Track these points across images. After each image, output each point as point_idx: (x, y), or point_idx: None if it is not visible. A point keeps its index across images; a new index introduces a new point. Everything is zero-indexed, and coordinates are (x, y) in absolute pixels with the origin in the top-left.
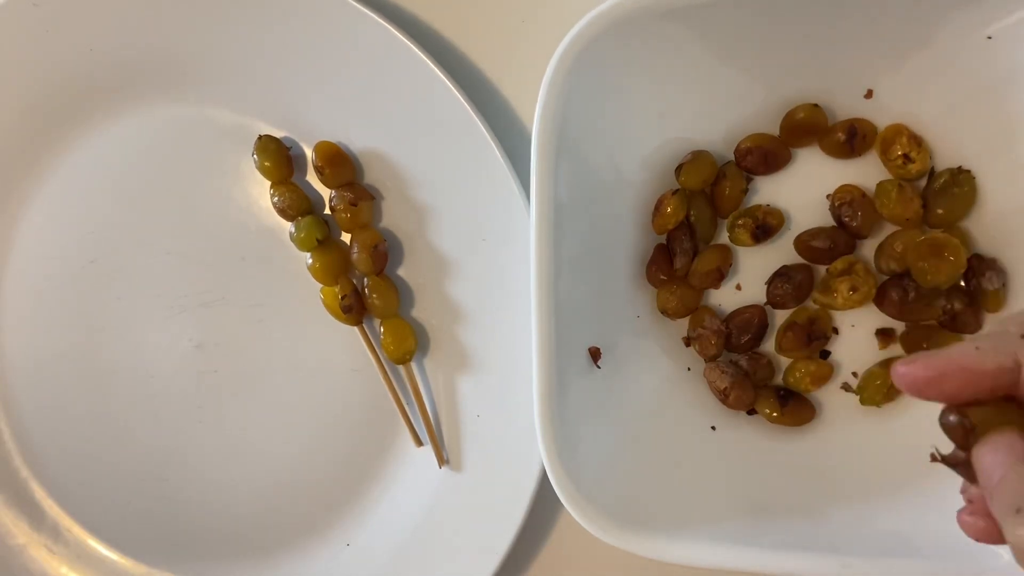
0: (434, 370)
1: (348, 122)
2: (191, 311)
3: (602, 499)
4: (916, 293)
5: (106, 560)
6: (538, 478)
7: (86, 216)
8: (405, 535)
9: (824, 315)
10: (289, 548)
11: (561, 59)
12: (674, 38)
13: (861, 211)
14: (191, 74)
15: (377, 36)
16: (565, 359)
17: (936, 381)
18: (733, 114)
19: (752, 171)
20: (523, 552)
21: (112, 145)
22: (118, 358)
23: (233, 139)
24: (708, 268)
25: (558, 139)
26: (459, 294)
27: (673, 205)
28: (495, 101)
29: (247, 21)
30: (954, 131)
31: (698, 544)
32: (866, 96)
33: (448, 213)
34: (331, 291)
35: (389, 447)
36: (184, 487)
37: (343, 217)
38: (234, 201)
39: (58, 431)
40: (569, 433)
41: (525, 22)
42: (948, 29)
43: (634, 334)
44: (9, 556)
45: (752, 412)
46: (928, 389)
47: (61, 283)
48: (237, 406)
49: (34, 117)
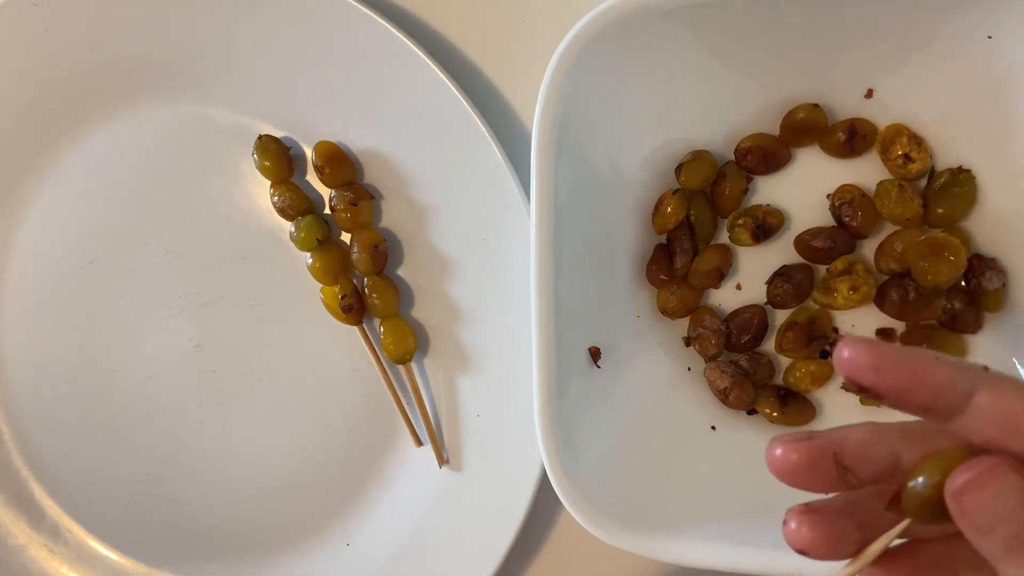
0: (434, 370)
1: (348, 122)
2: (191, 311)
3: (602, 499)
4: (916, 293)
5: (106, 560)
6: (538, 478)
7: (86, 216)
8: (405, 535)
9: (824, 315)
10: (289, 548)
11: (561, 59)
12: (674, 38)
13: (861, 211)
14: (191, 74)
15: (377, 36)
16: (565, 359)
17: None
18: (733, 114)
19: (752, 171)
20: (523, 552)
21: (112, 145)
22: (118, 358)
23: (233, 139)
24: (708, 268)
25: (558, 139)
26: (459, 294)
27: (673, 205)
28: (495, 101)
29: (247, 21)
30: (954, 131)
31: (698, 544)
32: (866, 96)
33: (448, 213)
34: (331, 291)
35: (389, 447)
36: (184, 487)
37: (343, 217)
38: (234, 201)
39: (58, 431)
40: (569, 433)
41: (525, 22)
42: (948, 29)
43: (634, 334)
44: (9, 556)
45: (752, 412)
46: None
47: (61, 283)
48: (237, 406)
49: (34, 117)
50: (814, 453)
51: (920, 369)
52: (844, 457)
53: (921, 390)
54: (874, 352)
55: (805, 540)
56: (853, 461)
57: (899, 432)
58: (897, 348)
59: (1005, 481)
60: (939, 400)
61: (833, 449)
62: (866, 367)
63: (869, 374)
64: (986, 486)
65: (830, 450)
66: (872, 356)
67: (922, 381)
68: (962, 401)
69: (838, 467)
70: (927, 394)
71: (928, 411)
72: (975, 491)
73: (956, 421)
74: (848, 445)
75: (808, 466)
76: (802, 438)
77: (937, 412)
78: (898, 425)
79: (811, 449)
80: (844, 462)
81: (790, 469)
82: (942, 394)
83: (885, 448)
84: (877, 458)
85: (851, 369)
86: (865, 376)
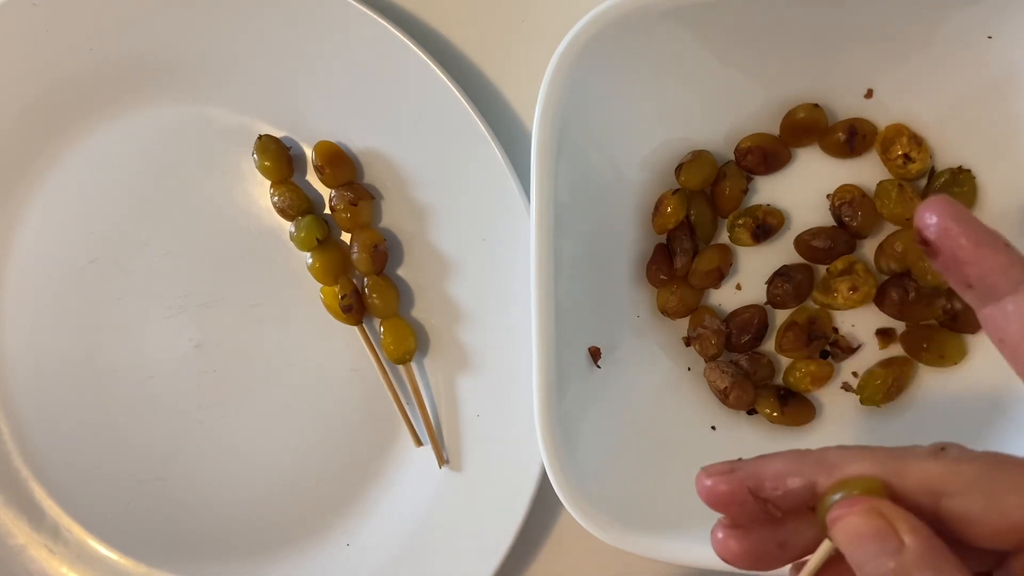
0: (434, 370)
1: (348, 122)
2: (191, 311)
3: (602, 499)
4: (916, 293)
5: (106, 560)
6: (538, 478)
7: (86, 216)
8: (405, 535)
9: (824, 315)
10: (289, 548)
11: (561, 59)
12: (674, 38)
13: (861, 211)
14: (191, 74)
15: (377, 36)
16: (565, 359)
17: (952, 231)
18: (733, 114)
19: (752, 171)
20: (523, 552)
21: (112, 145)
22: (118, 358)
23: (233, 139)
24: (708, 268)
25: (558, 139)
26: (459, 294)
27: (673, 205)
28: (495, 101)
29: (247, 21)
30: (954, 131)
31: (698, 544)
32: (866, 96)
33: (448, 213)
34: (331, 291)
35: (389, 447)
36: (184, 487)
37: (343, 217)
38: (234, 201)
39: (58, 431)
40: (569, 433)
41: (525, 22)
42: (948, 29)
43: (634, 334)
44: (9, 556)
45: (752, 412)
46: (940, 231)
47: (61, 283)
48: (237, 406)
49: (34, 117)
50: (734, 486)
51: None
52: (762, 490)
53: (973, 265)
54: (953, 214)
55: (729, 552)
56: (772, 493)
57: (816, 461)
58: (973, 219)
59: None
60: (984, 280)
61: (751, 484)
62: (940, 226)
63: (938, 232)
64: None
65: (750, 484)
66: (949, 217)
67: (980, 258)
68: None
69: (757, 500)
70: (976, 271)
71: (969, 288)
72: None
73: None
74: (765, 478)
75: (732, 498)
76: (724, 470)
77: (977, 291)
78: (817, 453)
79: (731, 483)
80: (762, 495)
81: (718, 500)
82: (988, 277)
83: (801, 479)
84: (794, 489)
85: (924, 223)
86: (933, 232)
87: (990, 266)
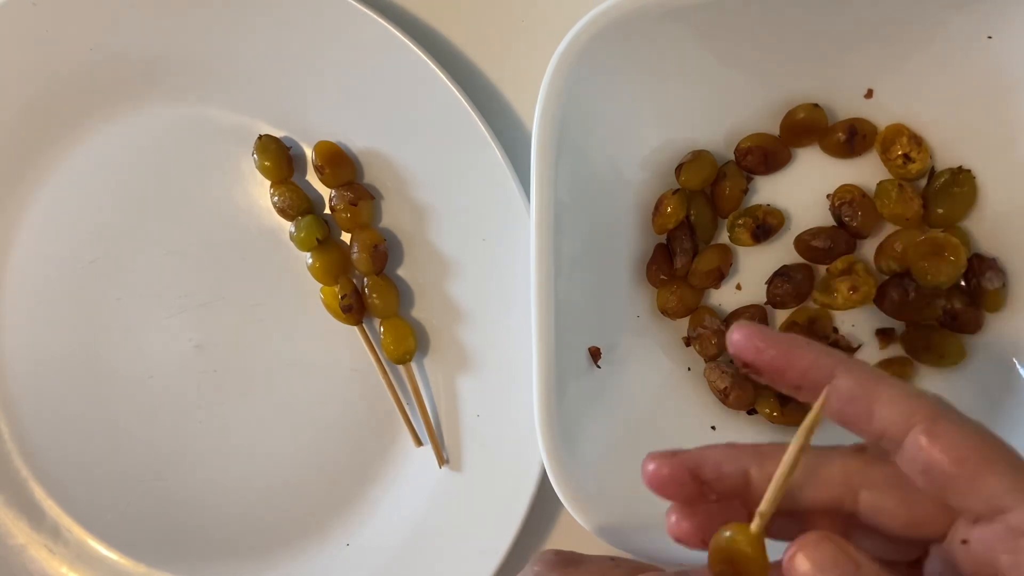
0: (434, 370)
1: (348, 122)
2: (191, 311)
3: (602, 499)
4: (916, 293)
5: (106, 560)
6: (538, 478)
7: (86, 216)
8: (405, 535)
9: (824, 315)
10: (289, 548)
11: (561, 59)
12: (674, 38)
13: (861, 211)
14: (191, 74)
15: (377, 36)
16: (565, 359)
17: (760, 349)
18: (733, 114)
19: (752, 171)
20: (523, 552)
21: (112, 145)
22: (118, 358)
23: (233, 139)
24: (708, 268)
25: (558, 139)
26: (459, 294)
27: (673, 205)
28: (495, 101)
29: (247, 21)
30: (954, 131)
31: None
32: (866, 96)
33: (448, 213)
34: (331, 291)
35: (389, 447)
36: (184, 487)
37: (343, 217)
38: (234, 201)
39: (58, 431)
40: (569, 433)
41: (525, 22)
42: (948, 29)
43: (634, 334)
44: (9, 556)
45: (752, 412)
46: (752, 352)
47: (61, 283)
48: (237, 406)
49: (34, 117)
50: (676, 469)
51: (791, 351)
52: (702, 473)
53: (791, 370)
54: (758, 335)
55: (680, 530)
56: (710, 477)
57: (752, 452)
58: (777, 333)
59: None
60: (805, 378)
61: (690, 467)
62: (750, 347)
63: (751, 352)
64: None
65: (690, 467)
66: (756, 338)
67: (792, 362)
68: (824, 381)
69: (696, 482)
70: (796, 373)
71: (799, 389)
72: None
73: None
74: (706, 463)
75: (674, 480)
76: (668, 455)
77: (805, 389)
78: (752, 445)
79: (673, 466)
80: (702, 477)
81: (659, 482)
82: (807, 373)
83: (736, 466)
84: (729, 475)
85: (738, 348)
86: (748, 354)
87: (805, 365)
